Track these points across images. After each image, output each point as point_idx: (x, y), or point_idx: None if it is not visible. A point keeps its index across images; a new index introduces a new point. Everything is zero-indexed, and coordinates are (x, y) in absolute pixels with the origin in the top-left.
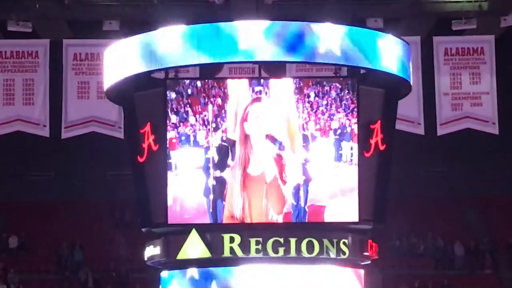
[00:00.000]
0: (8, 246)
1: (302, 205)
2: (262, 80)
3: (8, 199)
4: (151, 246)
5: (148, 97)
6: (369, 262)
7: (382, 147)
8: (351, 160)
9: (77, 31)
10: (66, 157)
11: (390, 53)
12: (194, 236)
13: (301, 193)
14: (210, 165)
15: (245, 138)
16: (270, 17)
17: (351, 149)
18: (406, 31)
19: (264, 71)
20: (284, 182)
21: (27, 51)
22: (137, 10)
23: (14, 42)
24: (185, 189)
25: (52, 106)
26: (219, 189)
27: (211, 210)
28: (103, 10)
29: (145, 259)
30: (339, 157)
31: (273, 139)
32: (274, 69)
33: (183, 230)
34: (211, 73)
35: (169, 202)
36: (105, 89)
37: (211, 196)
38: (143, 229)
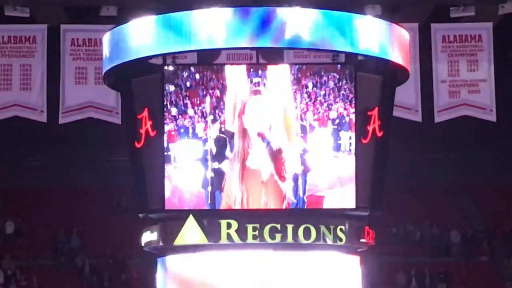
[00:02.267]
0: (5, 232)
1: (301, 195)
2: (260, 71)
3: (5, 185)
4: (148, 232)
5: (145, 82)
6: (366, 249)
7: (379, 134)
8: (350, 150)
9: (75, 16)
10: (63, 142)
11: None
12: (191, 222)
13: (300, 183)
14: (208, 157)
15: (244, 131)
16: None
17: (350, 138)
18: (404, 18)
19: (262, 57)
20: (284, 179)
21: (24, 36)
22: None
23: (11, 27)
24: (184, 181)
25: (50, 91)
26: (218, 181)
27: (209, 202)
28: None
29: (142, 245)
30: (337, 147)
31: (263, 137)
32: (272, 55)
33: (180, 216)
34: (209, 60)
35: (168, 194)
36: (103, 74)
37: (209, 188)
38: (140, 215)
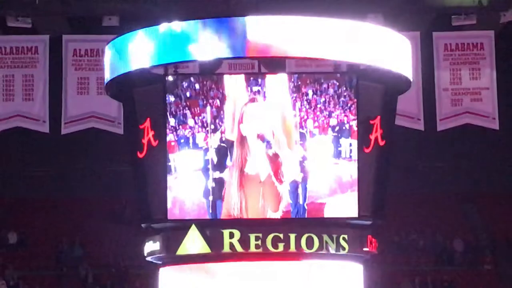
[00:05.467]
0: (7, 242)
1: (301, 202)
2: (259, 80)
3: (8, 195)
4: (151, 242)
5: (147, 92)
6: (369, 257)
7: (381, 143)
8: (350, 156)
9: (77, 26)
10: (65, 152)
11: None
12: (193, 231)
13: (300, 191)
14: (209, 166)
15: (242, 139)
16: (270, 11)
17: (350, 145)
18: (405, 26)
19: (263, 67)
20: (281, 182)
21: (26, 47)
22: (137, 5)
23: (14, 38)
24: (185, 191)
25: (52, 102)
26: (218, 189)
27: (210, 211)
28: (103, 5)
29: (145, 254)
30: (338, 154)
31: (262, 138)
32: (273, 64)
33: (182, 226)
34: (211, 69)
35: (169, 205)
36: (104, 85)
37: (211, 197)
38: (142, 225)
